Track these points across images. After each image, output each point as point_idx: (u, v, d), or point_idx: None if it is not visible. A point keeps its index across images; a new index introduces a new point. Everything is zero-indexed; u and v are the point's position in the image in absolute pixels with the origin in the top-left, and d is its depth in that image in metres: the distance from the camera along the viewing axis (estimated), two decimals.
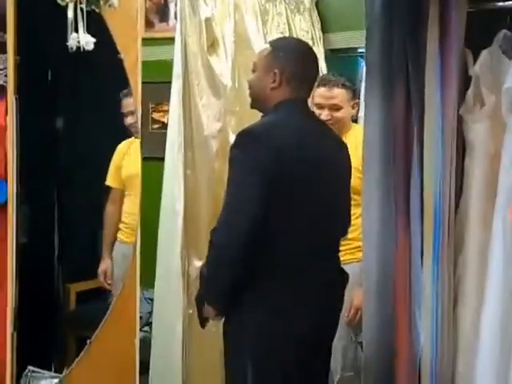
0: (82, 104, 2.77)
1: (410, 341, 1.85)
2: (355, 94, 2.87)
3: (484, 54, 1.90)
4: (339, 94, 2.74)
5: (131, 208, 2.80)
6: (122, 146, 2.82)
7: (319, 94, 2.73)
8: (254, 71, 2.10)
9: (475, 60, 1.92)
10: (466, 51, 1.93)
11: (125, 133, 2.72)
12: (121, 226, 2.92)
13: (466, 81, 1.94)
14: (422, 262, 1.87)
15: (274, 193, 1.86)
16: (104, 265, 2.90)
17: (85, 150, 2.87)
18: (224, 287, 1.94)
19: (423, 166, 1.86)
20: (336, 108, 2.73)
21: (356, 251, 2.50)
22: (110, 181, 2.88)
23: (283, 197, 1.89)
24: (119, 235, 2.92)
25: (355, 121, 3.72)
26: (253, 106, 2.14)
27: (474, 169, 1.90)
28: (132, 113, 2.64)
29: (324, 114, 2.69)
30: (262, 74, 2.05)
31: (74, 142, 2.91)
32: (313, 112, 2.20)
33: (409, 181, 1.86)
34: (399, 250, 1.84)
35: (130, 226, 2.83)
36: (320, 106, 2.72)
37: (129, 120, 2.68)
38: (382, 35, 1.91)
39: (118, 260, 2.90)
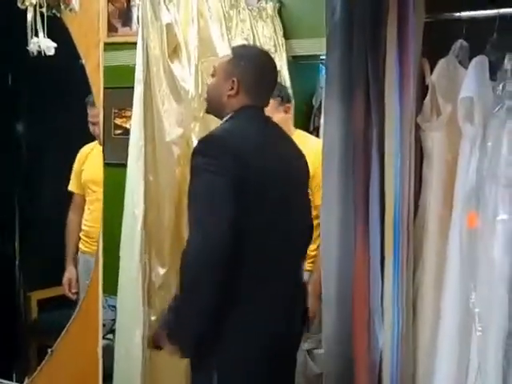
0: (44, 108, 2.74)
1: (369, 348, 1.87)
2: (284, 99, 2.87)
3: (441, 63, 1.93)
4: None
5: (90, 216, 2.77)
6: (83, 150, 2.79)
7: None
8: (213, 76, 2.11)
9: (432, 69, 1.95)
10: (423, 60, 1.96)
11: (87, 137, 2.69)
12: (81, 235, 2.89)
13: (423, 89, 1.97)
14: (381, 270, 1.89)
15: (238, 198, 1.86)
16: (68, 274, 2.85)
17: (46, 155, 2.84)
18: (198, 320, 1.87)
19: (382, 175, 1.88)
20: None
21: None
22: (71, 186, 2.84)
23: (245, 203, 1.89)
24: (80, 245, 2.89)
25: (317, 128, 3.76)
26: (208, 111, 2.16)
27: (431, 176, 1.94)
28: (98, 123, 2.63)
29: None
30: (221, 80, 2.05)
31: (35, 147, 2.87)
32: (271, 119, 2.21)
33: (367, 190, 1.88)
34: (358, 258, 1.86)
35: (89, 235, 2.81)
36: None
37: (96, 130, 2.66)
38: (341, 43, 1.93)
39: (81, 271, 2.88)
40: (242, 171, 1.85)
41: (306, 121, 3.81)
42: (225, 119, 2.04)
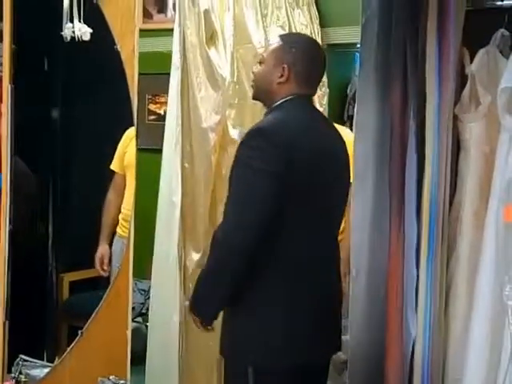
0: (80, 93, 2.77)
1: (402, 341, 1.85)
2: None
3: (481, 53, 1.89)
4: None
5: (129, 199, 2.79)
6: (129, 133, 2.78)
7: None
8: (261, 63, 2.09)
9: (472, 59, 1.91)
10: (462, 50, 1.92)
11: (128, 121, 2.69)
12: (120, 218, 2.89)
13: (462, 80, 1.94)
14: (416, 261, 1.87)
15: (284, 193, 1.86)
16: (101, 249, 2.85)
17: (83, 138, 2.87)
18: (227, 287, 1.93)
19: (419, 166, 1.86)
20: None
21: None
22: (113, 165, 2.86)
23: (292, 196, 1.89)
24: (118, 229, 2.89)
25: (351, 117, 3.72)
26: (255, 97, 2.14)
27: (468, 168, 1.90)
28: None
29: None
30: (271, 67, 2.03)
31: (72, 130, 2.90)
32: (317, 109, 2.20)
33: (403, 181, 1.85)
34: (392, 249, 1.84)
35: (127, 219, 2.79)
36: None
37: None
38: (378, 33, 1.90)
39: (116, 254, 2.87)
40: (287, 165, 1.85)
41: (341, 109, 3.77)
42: (273, 107, 2.02)
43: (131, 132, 2.75)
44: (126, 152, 2.80)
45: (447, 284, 1.92)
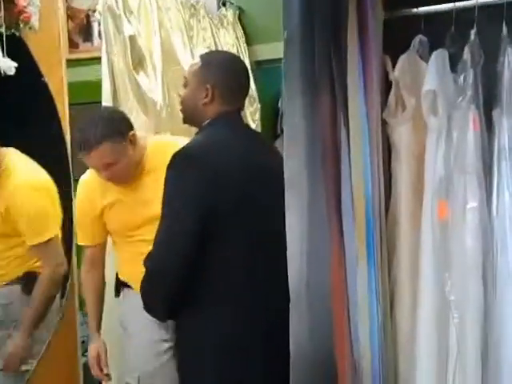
0: (8, 129, 2.71)
1: (351, 348, 1.86)
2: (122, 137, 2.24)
3: (402, 58, 1.96)
4: (101, 152, 2.16)
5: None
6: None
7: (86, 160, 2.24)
8: (185, 86, 2.10)
9: (394, 65, 1.98)
10: (384, 57, 1.99)
11: (63, 154, 2.66)
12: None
13: (386, 86, 2.00)
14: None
15: (212, 214, 1.86)
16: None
17: None
18: (160, 307, 1.96)
19: (352, 173, 1.89)
20: (108, 164, 2.20)
21: None
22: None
23: (221, 220, 1.89)
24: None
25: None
26: (185, 122, 2.14)
27: (400, 171, 1.96)
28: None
29: (103, 175, 2.23)
30: (194, 89, 2.04)
31: None
32: (247, 125, 2.21)
33: (339, 189, 1.87)
34: (334, 259, 1.85)
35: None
36: (96, 169, 2.24)
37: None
38: (302, 48, 1.93)
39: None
40: (216, 188, 1.86)
41: (273, 124, 3.82)
42: (201, 127, 2.03)
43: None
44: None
45: (391, 288, 1.96)
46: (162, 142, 2.42)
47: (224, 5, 3.60)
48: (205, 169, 1.88)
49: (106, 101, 2.76)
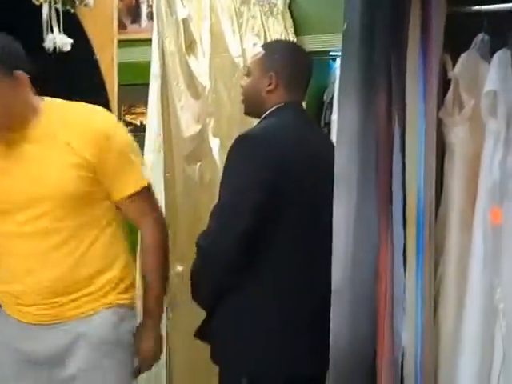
0: None
1: (392, 345, 1.85)
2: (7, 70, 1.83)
3: (463, 57, 1.91)
4: None
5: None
6: None
7: None
8: (247, 75, 2.08)
9: (454, 64, 1.94)
10: (444, 55, 1.94)
11: None
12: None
13: (444, 84, 1.96)
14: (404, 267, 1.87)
15: (272, 200, 1.85)
16: None
17: None
18: (210, 291, 1.94)
19: (404, 169, 1.87)
20: None
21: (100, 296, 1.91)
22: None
23: (281, 203, 1.88)
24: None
25: (329, 123, 3.74)
26: (247, 112, 2.12)
27: (453, 172, 1.92)
28: None
29: None
30: (257, 77, 2.02)
31: None
32: (308, 116, 2.19)
33: (390, 184, 1.85)
34: (381, 253, 1.83)
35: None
36: None
37: None
38: (361, 39, 1.90)
39: None
40: (277, 171, 1.85)
41: (318, 116, 3.80)
42: (263, 116, 2.02)
43: None
44: None
45: (436, 287, 1.93)
46: (60, 104, 1.97)
47: None
48: (271, 151, 1.87)
49: (154, 83, 2.77)
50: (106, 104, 2.53)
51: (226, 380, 2.01)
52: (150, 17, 3.60)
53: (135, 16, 3.79)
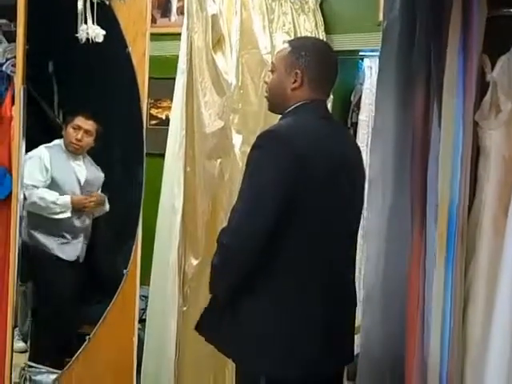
0: (91, 95, 2.74)
1: (422, 348, 1.83)
2: None
3: (502, 59, 1.89)
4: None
5: None
6: None
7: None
8: (272, 71, 2.07)
9: (492, 66, 1.92)
10: (483, 57, 1.92)
11: (137, 124, 2.67)
12: None
13: (481, 87, 1.94)
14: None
15: (293, 197, 1.84)
16: None
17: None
18: (230, 283, 1.93)
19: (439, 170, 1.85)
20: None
21: None
22: None
23: (302, 202, 1.87)
24: None
25: (355, 123, 3.72)
26: (271, 109, 2.10)
27: (487, 175, 1.90)
28: None
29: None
30: (283, 74, 2.00)
31: None
32: (331, 115, 2.17)
33: (425, 186, 1.84)
34: (414, 252, 1.82)
35: None
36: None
37: None
38: (400, 39, 1.89)
39: None
40: (300, 170, 1.84)
41: (344, 116, 3.78)
42: (286, 112, 2.00)
43: None
44: None
45: (466, 289, 1.91)
46: None
47: None
48: (293, 147, 1.85)
49: (180, 77, 2.77)
50: (136, 98, 2.54)
51: (244, 379, 2.00)
52: (180, 11, 3.60)
53: (165, 10, 3.79)
